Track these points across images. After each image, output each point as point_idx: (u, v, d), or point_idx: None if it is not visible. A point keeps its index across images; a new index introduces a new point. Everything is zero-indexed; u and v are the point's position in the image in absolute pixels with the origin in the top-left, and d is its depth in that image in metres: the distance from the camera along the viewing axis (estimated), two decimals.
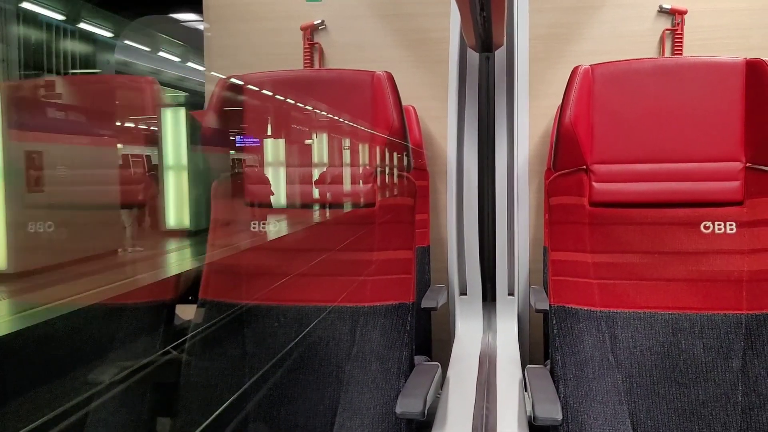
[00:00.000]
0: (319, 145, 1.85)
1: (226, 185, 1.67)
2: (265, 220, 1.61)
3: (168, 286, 1.65)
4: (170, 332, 1.64)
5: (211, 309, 1.57)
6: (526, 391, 1.46)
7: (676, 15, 2.21)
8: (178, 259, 1.76)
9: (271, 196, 1.65)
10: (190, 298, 1.64)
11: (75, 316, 1.43)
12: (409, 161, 1.62)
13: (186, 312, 1.68)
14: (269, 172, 1.69)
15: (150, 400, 1.55)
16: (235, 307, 1.57)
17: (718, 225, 1.43)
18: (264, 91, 1.68)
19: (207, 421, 1.44)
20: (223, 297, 1.58)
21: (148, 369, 1.56)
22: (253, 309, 1.56)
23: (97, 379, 1.42)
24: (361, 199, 1.58)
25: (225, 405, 1.48)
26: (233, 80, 1.69)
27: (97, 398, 1.43)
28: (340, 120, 1.65)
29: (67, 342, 1.51)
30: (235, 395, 1.50)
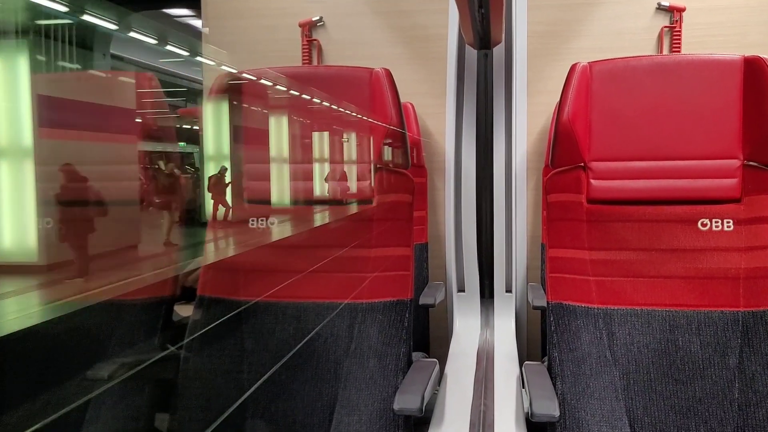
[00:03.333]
0: (318, 142, 1.85)
1: (222, 180, 1.67)
2: (264, 217, 1.61)
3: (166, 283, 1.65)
4: (169, 329, 1.64)
5: (210, 305, 1.57)
6: (523, 387, 1.46)
7: (674, 12, 2.21)
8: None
9: (270, 194, 1.65)
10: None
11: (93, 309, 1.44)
12: (407, 158, 1.62)
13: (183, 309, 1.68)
14: (268, 169, 1.69)
15: (149, 396, 1.55)
16: (233, 304, 1.57)
17: (716, 222, 1.43)
18: (263, 81, 1.68)
19: (217, 422, 1.44)
20: (221, 293, 1.58)
21: (147, 365, 1.56)
22: (251, 306, 1.57)
23: (96, 375, 1.42)
24: (359, 196, 1.58)
25: (234, 406, 1.49)
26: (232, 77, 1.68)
27: (96, 394, 1.43)
28: (339, 114, 1.65)
29: (82, 336, 1.52)
30: (245, 395, 1.50)
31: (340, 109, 1.64)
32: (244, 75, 1.72)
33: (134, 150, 1.52)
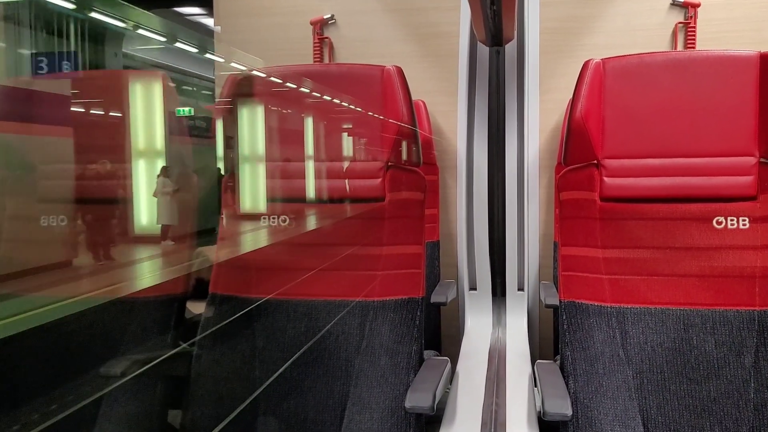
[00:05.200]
0: (330, 140, 1.85)
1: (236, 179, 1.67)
2: (276, 214, 1.62)
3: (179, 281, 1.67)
4: (182, 326, 1.65)
5: (222, 303, 1.58)
6: (535, 386, 1.45)
7: (689, 8, 2.19)
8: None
9: (282, 192, 1.65)
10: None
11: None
12: (418, 156, 1.61)
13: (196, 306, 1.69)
14: (281, 167, 1.69)
15: (161, 392, 1.56)
16: (245, 302, 1.57)
17: (731, 220, 1.42)
18: (273, 79, 1.68)
19: (229, 418, 1.45)
20: (233, 291, 1.59)
21: (160, 362, 1.58)
22: (262, 303, 1.57)
23: (110, 371, 1.43)
24: (371, 194, 1.58)
25: (246, 402, 1.49)
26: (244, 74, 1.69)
27: (110, 390, 1.44)
28: (350, 111, 1.65)
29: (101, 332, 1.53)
30: (257, 392, 1.50)
31: (352, 107, 1.64)
32: (255, 73, 1.72)
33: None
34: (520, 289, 2.10)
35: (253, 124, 1.71)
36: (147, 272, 1.55)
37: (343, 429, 1.44)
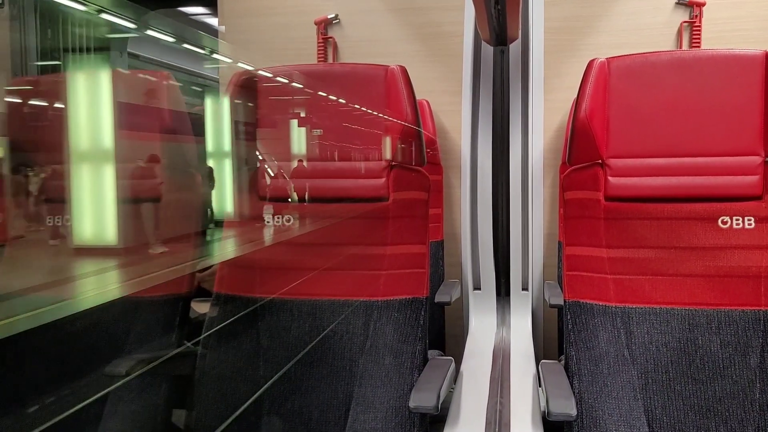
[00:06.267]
0: (333, 139, 1.85)
1: (241, 179, 1.67)
2: (279, 214, 1.62)
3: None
4: (186, 325, 1.66)
5: (226, 303, 1.58)
6: (540, 386, 1.45)
7: (694, 7, 2.18)
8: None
9: (285, 191, 1.65)
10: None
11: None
12: (422, 155, 1.61)
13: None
14: (283, 166, 1.70)
15: (166, 391, 1.57)
16: (249, 301, 1.58)
17: (737, 220, 1.41)
18: (279, 79, 1.68)
19: (232, 417, 1.45)
20: (237, 291, 1.59)
21: (164, 361, 1.58)
22: (267, 303, 1.57)
23: (114, 371, 1.43)
24: (375, 194, 1.58)
25: (249, 402, 1.49)
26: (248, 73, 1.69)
27: (114, 389, 1.45)
28: (354, 111, 1.65)
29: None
30: (260, 391, 1.51)
31: (356, 106, 1.64)
32: (260, 72, 1.72)
33: None
34: (525, 288, 2.10)
35: (254, 123, 1.71)
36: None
37: (347, 428, 1.44)
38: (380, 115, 1.57)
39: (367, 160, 1.64)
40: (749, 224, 1.41)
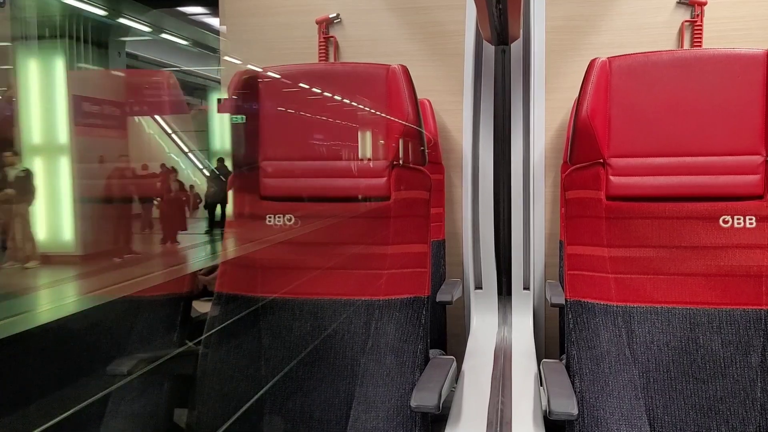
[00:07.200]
0: (335, 138, 1.85)
1: (242, 178, 1.67)
2: (280, 213, 1.62)
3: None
4: (188, 324, 1.66)
5: (228, 302, 1.58)
6: (541, 385, 1.45)
7: (695, 6, 2.18)
8: None
9: (287, 190, 1.65)
10: None
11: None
12: (424, 155, 1.61)
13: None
14: (285, 165, 1.69)
15: (167, 391, 1.57)
16: (251, 301, 1.58)
17: (738, 219, 1.41)
18: (280, 78, 1.68)
19: (234, 417, 1.45)
20: (238, 290, 1.59)
21: (166, 360, 1.58)
22: (268, 302, 1.57)
23: (116, 370, 1.44)
24: (376, 193, 1.58)
25: (251, 401, 1.49)
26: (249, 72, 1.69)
27: (116, 389, 1.45)
28: (355, 110, 1.65)
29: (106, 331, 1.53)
30: (262, 391, 1.51)
31: (358, 106, 1.64)
32: (262, 72, 1.72)
33: None
34: (526, 288, 2.10)
35: (255, 123, 1.71)
36: None
37: (348, 428, 1.44)
38: (382, 114, 1.58)
39: (368, 160, 1.64)
40: (750, 223, 1.41)
